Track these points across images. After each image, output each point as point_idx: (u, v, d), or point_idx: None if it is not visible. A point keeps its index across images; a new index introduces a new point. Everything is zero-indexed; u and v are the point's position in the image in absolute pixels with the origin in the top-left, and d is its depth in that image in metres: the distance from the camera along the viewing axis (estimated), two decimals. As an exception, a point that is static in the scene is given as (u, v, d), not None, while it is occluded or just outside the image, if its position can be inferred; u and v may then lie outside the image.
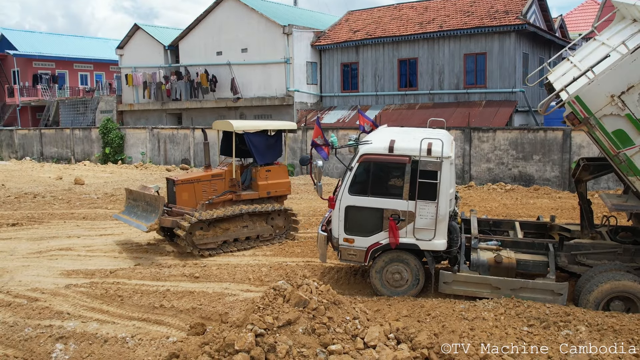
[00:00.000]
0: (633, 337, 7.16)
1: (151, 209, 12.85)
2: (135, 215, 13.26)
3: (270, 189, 13.91)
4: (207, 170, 14.01)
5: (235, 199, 13.49)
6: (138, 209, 13.37)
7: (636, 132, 7.77)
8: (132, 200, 13.71)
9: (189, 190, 13.38)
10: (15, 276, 11.31)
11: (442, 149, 8.74)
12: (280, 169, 14.25)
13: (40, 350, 7.80)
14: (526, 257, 9.25)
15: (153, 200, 12.73)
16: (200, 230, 12.66)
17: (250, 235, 13.39)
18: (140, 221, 12.81)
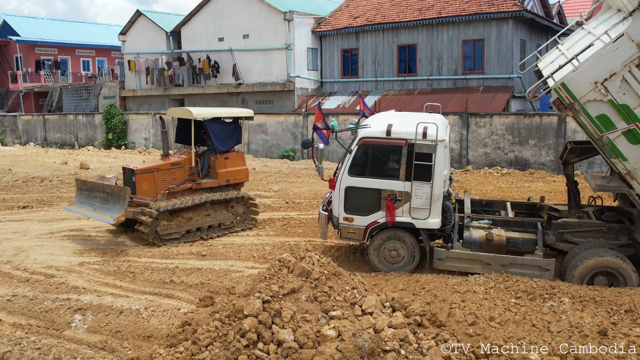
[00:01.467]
0: (612, 307, 7.69)
1: (114, 200, 12.37)
2: (93, 207, 12.72)
3: (229, 176, 13.89)
4: (165, 159, 13.62)
5: (195, 188, 13.44)
6: (96, 200, 12.81)
7: (618, 117, 8.26)
8: (86, 192, 13.14)
9: (149, 180, 13.10)
10: (30, 255, 11.85)
11: (436, 133, 9.24)
12: (238, 156, 14.25)
13: (61, 321, 8.36)
14: (516, 235, 9.79)
15: (118, 191, 12.31)
16: (164, 220, 12.49)
17: (213, 223, 13.31)
18: (102, 213, 12.33)
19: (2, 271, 10.76)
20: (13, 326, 8.15)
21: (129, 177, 13.19)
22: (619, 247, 9.30)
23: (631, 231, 9.37)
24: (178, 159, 13.57)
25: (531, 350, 6.44)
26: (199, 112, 13.53)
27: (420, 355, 6.19)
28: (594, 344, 6.53)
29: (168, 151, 13.86)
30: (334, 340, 5.83)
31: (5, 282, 10.13)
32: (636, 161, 8.47)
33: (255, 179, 21.57)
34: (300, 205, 16.44)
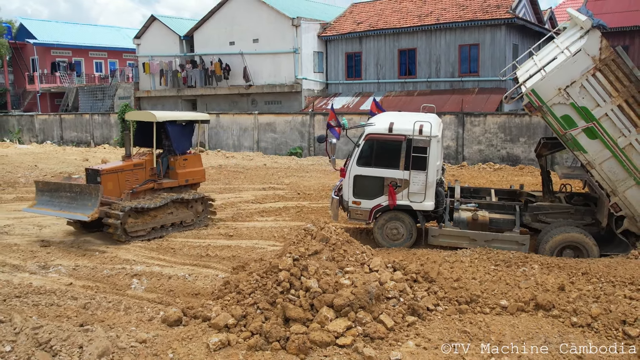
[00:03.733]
0: (572, 271, 9.46)
1: (84, 198, 12.80)
2: (60, 206, 13.08)
3: (188, 176, 14.59)
4: (127, 160, 14.03)
5: (156, 188, 14.06)
6: (62, 199, 13.14)
7: (579, 117, 10.09)
8: (49, 192, 13.42)
9: (114, 180, 13.48)
10: (78, 238, 13.61)
11: (430, 130, 11.06)
12: (196, 157, 14.92)
13: (121, 283, 10.19)
14: (497, 216, 11.61)
15: (88, 190, 12.77)
16: (131, 218, 13.01)
17: (175, 221, 13.97)
18: (72, 211, 12.82)
19: (60, 248, 12.59)
20: (83, 287, 9.97)
21: (93, 178, 13.43)
22: (585, 226, 11.10)
23: (595, 212, 11.19)
24: (140, 160, 14.03)
25: (502, 299, 8.25)
26: (161, 115, 14.04)
27: (416, 301, 8.01)
28: (552, 294, 8.32)
29: (130, 153, 14.33)
30: (349, 287, 7.64)
31: (65, 256, 11.94)
32: (594, 153, 10.28)
33: (267, 174, 23.42)
34: (310, 195, 18.26)
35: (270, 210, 16.12)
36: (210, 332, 7.48)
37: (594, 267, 9.49)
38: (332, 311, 7.40)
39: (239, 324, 7.56)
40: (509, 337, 7.15)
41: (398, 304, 7.90)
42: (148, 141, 14.42)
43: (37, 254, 12.20)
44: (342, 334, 7.09)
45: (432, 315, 7.95)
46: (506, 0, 27.01)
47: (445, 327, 7.60)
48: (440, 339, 7.22)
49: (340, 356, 6.77)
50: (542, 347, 6.92)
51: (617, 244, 10.82)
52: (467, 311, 8.06)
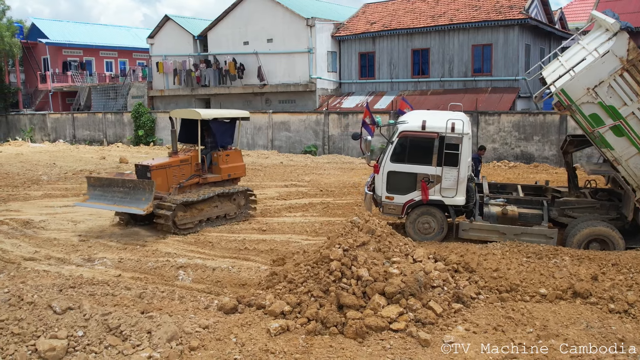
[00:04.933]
0: (602, 262, 9.89)
1: (138, 193, 13.33)
2: (113, 201, 13.62)
3: (230, 171, 15.19)
4: (174, 156, 14.61)
5: (201, 182, 14.62)
6: (115, 194, 13.67)
7: (606, 115, 10.54)
8: (101, 187, 13.93)
9: (162, 175, 13.94)
10: (114, 232, 14.08)
11: (463, 127, 11.50)
12: (237, 153, 15.52)
13: (169, 275, 10.64)
14: (526, 210, 12.05)
15: (142, 185, 13.29)
16: (180, 212, 13.63)
17: (220, 214, 14.59)
18: (127, 205, 13.32)
19: (99, 242, 13.04)
20: (132, 279, 10.41)
21: (143, 173, 13.96)
22: (610, 220, 11.54)
23: (620, 207, 11.63)
24: (186, 156, 14.59)
25: (541, 288, 8.69)
26: (206, 112, 14.71)
27: (459, 290, 8.45)
28: (587, 284, 8.76)
29: (177, 149, 15.05)
30: (399, 276, 8.08)
31: (107, 250, 12.39)
32: (621, 150, 10.73)
33: (285, 172, 23.87)
34: (333, 192, 18.70)
35: (296, 207, 16.55)
36: (267, 319, 7.90)
37: (623, 258, 9.91)
38: (384, 298, 7.84)
39: (294, 311, 7.99)
40: (553, 322, 7.58)
41: (443, 293, 8.35)
42: (191, 138, 15.05)
43: (78, 247, 12.66)
44: (395, 320, 7.53)
45: (475, 303, 8.39)
46: (519, 1, 27.42)
47: (490, 313, 8.04)
48: (487, 324, 7.66)
49: (396, 340, 7.21)
50: (584, 331, 7.35)
51: (641, 237, 11.27)
52: (508, 299, 8.51)
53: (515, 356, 6.68)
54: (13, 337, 7.12)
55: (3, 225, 14.54)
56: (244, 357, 6.86)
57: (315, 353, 6.98)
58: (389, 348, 7.01)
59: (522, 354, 6.80)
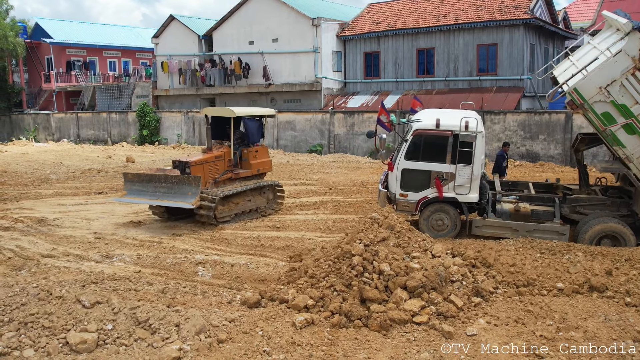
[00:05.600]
0: (615, 258, 10.07)
1: (185, 188, 13.79)
2: (156, 195, 14.10)
3: (259, 167, 15.92)
4: (208, 152, 15.19)
5: (234, 177, 15.27)
6: (157, 189, 14.12)
7: (618, 114, 10.71)
8: (139, 183, 14.35)
9: (199, 171, 14.46)
10: (129, 230, 14.24)
11: (476, 126, 11.68)
12: (264, 149, 16.33)
13: (188, 271, 10.80)
14: (538, 207, 12.23)
15: (189, 180, 13.77)
16: (220, 205, 14.33)
17: (252, 207, 15.33)
18: (173, 200, 13.84)
19: (115, 239, 13.21)
20: (152, 274, 10.57)
21: (182, 169, 14.46)
22: (621, 217, 11.72)
23: (630, 204, 11.81)
24: (220, 152, 15.11)
25: (558, 282, 8.87)
26: (239, 110, 15.34)
27: (476, 284, 8.63)
28: (602, 278, 8.93)
29: (211, 146, 15.61)
30: (420, 271, 8.25)
31: (123, 247, 12.56)
32: (632, 148, 10.91)
33: (293, 170, 24.05)
34: (342, 190, 18.87)
35: (307, 205, 16.72)
36: (291, 313, 8.07)
37: (636, 254, 10.09)
38: (406, 292, 8.01)
39: (317, 305, 8.16)
40: (572, 315, 7.75)
41: (462, 287, 8.51)
42: (220, 134, 15.80)
43: (95, 244, 12.83)
44: (418, 313, 7.70)
45: (493, 297, 8.57)
46: (523, 1, 27.61)
47: (509, 307, 8.22)
48: (507, 317, 7.84)
49: (419, 332, 7.38)
50: (603, 323, 7.53)
51: (652, 233, 11.45)
52: (526, 293, 8.68)
53: (537, 347, 6.85)
54: (44, 330, 7.30)
55: (18, 223, 14.71)
56: (272, 349, 7.02)
57: (341, 345, 7.14)
58: (413, 340, 7.19)
59: (543, 344, 6.97)
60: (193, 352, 6.99)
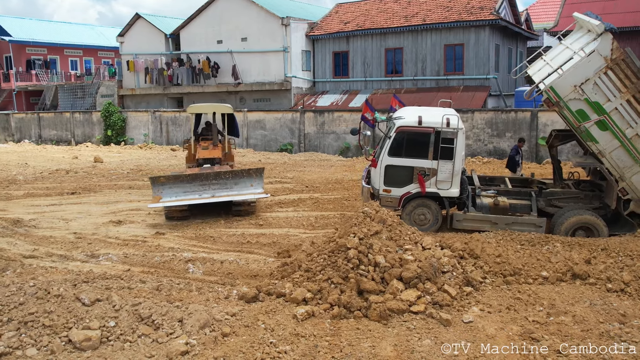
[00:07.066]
0: (592, 248, 10.57)
1: (245, 181, 14.74)
2: (209, 193, 14.58)
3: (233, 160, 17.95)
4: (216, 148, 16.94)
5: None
6: (208, 187, 14.62)
7: (592, 111, 11.26)
8: (180, 184, 14.48)
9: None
10: (110, 229, 14.14)
11: (457, 122, 12.07)
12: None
13: (178, 268, 10.85)
14: (515, 201, 12.70)
15: (250, 173, 14.90)
16: None
17: None
18: (236, 193, 14.55)
19: (97, 239, 13.12)
20: (143, 272, 10.58)
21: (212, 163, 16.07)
22: (593, 209, 12.30)
23: (602, 197, 12.39)
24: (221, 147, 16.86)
25: (542, 271, 9.30)
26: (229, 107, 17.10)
27: (466, 274, 8.97)
28: (584, 266, 9.40)
29: (217, 141, 16.72)
30: (414, 262, 8.54)
31: (107, 246, 12.50)
32: (605, 143, 11.48)
33: (266, 169, 24.03)
34: (319, 188, 19.09)
35: (286, 202, 16.88)
36: (290, 306, 8.24)
37: (610, 243, 10.63)
38: (402, 283, 8.29)
39: (315, 298, 8.35)
40: (559, 301, 8.17)
41: (453, 277, 8.84)
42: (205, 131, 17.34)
43: (78, 244, 12.72)
44: (415, 303, 7.98)
45: (483, 287, 8.93)
46: (489, 2, 28.36)
47: (499, 295, 8.58)
48: (499, 304, 8.19)
49: (418, 321, 7.66)
50: (589, 308, 7.96)
51: (622, 224, 12.05)
52: (513, 282, 9.07)
53: (532, 331, 7.21)
54: (44, 329, 7.28)
55: (-7, 225, 14.44)
56: (277, 341, 7.18)
57: (344, 335, 7.36)
58: (413, 328, 7.46)
59: (537, 328, 7.35)
60: (200, 346, 7.08)
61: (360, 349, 6.94)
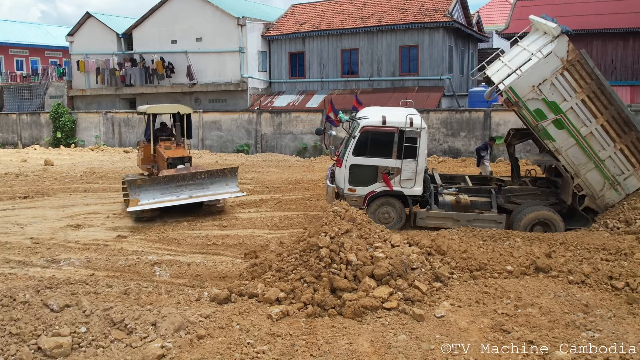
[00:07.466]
0: (551, 242, 10.96)
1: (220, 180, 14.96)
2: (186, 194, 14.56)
3: None
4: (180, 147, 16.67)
5: None
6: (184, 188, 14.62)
7: (549, 110, 11.69)
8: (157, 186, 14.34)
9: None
10: (68, 234, 13.75)
11: (420, 122, 12.31)
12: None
13: (145, 272, 10.67)
14: (476, 198, 13.04)
15: (224, 172, 15.11)
16: None
17: None
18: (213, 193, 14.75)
19: (56, 244, 12.76)
20: (108, 276, 10.36)
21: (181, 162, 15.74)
22: (550, 205, 12.75)
23: (558, 193, 12.86)
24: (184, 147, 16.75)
25: (507, 265, 9.60)
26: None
27: (434, 270, 9.17)
28: (546, 260, 9.74)
29: (180, 141, 16.71)
30: (385, 260, 8.67)
31: (68, 251, 12.16)
32: (561, 141, 11.93)
33: (224, 170, 23.91)
34: (280, 189, 19.09)
35: (248, 203, 16.81)
36: (263, 306, 8.25)
37: (568, 238, 11.07)
38: (374, 280, 8.41)
39: (288, 297, 8.39)
40: (525, 294, 8.46)
41: (422, 273, 9.03)
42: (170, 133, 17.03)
43: (36, 250, 12.34)
44: (387, 299, 8.12)
45: (451, 282, 9.15)
46: (442, 5, 28.97)
47: (467, 290, 8.82)
48: (468, 298, 8.42)
49: (392, 317, 7.79)
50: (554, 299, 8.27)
51: (577, 219, 12.54)
52: (479, 277, 9.33)
53: (502, 323, 7.44)
54: (12, 337, 7.07)
55: (-58, 231, 13.86)
56: (254, 342, 7.18)
57: (320, 333, 7.42)
58: (387, 324, 7.58)
59: (507, 320, 7.59)
60: (176, 349, 7.02)
61: (338, 346, 7.02)
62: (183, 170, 15.15)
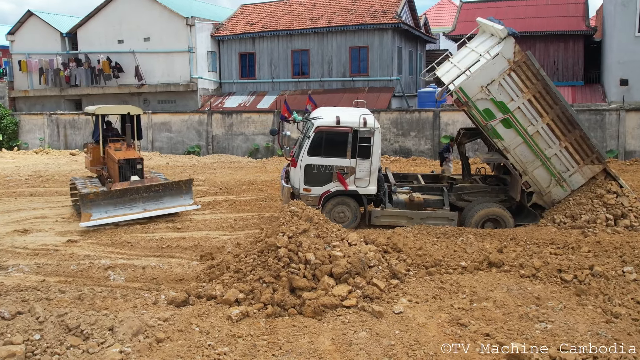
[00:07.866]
0: (502, 238, 11.30)
1: (175, 192, 14.79)
2: (140, 207, 14.36)
3: None
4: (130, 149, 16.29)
5: None
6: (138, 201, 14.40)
7: (497, 110, 12.06)
8: (110, 200, 14.03)
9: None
10: (15, 239, 13.30)
11: (374, 122, 12.47)
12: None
13: (98, 276, 10.44)
14: (429, 197, 13.32)
15: (179, 184, 14.93)
16: None
17: None
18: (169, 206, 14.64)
19: (3, 250, 12.31)
20: (60, 282, 10.08)
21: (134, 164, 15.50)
22: (499, 202, 13.15)
23: (507, 191, 13.27)
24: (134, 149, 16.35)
25: (461, 261, 9.85)
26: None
27: (391, 268, 9.33)
28: (498, 255, 10.04)
29: (130, 142, 16.25)
30: (343, 258, 8.77)
31: (16, 257, 11.77)
32: (509, 140, 12.32)
33: (175, 172, 23.58)
34: (233, 190, 18.97)
35: (202, 204, 16.60)
36: (222, 308, 8.21)
37: (518, 233, 11.44)
38: (332, 279, 8.50)
39: (248, 298, 8.38)
40: (479, 289, 8.71)
41: (379, 271, 9.17)
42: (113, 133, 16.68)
43: (-21, 257, 11.89)
44: (346, 297, 8.22)
45: (407, 279, 9.32)
46: (390, 6, 29.39)
47: (423, 286, 9.01)
48: (425, 294, 8.61)
49: (351, 315, 7.89)
50: (507, 293, 8.55)
51: (526, 215, 12.97)
52: (435, 273, 9.55)
53: (459, 317, 7.65)
54: (-40, 347, 6.81)
55: None
56: (215, 343, 7.14)
57: (281, 333, 7.44)
58: (347, 322, 7.67)
59: (463, 315, 7.80)
60: (135, 353, 6.91)
61: (299, 345, 7.06)
62: (137, 183, 14.77)
